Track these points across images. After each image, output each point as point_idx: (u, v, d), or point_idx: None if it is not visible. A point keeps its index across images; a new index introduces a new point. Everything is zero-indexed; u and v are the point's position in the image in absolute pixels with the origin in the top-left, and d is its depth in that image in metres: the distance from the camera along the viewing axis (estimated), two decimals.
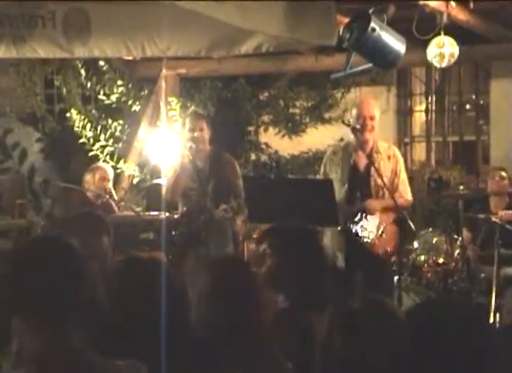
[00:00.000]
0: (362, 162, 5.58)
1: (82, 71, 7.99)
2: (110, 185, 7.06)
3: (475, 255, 6.71)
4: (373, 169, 5.44)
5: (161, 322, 2.33)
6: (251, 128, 9.24)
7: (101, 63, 7.93)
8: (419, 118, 9.95)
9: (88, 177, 6.99)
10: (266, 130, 9.15)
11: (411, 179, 5.97)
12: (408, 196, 5.67)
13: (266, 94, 9.08)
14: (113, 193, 7.15)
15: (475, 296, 6.33)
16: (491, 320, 5.80)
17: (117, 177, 7.77)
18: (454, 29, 6.59)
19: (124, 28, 5.91)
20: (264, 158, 9.10)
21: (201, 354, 2.36)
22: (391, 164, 5.60)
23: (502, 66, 8.86)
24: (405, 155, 9.19)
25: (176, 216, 6.23)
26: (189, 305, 2.49)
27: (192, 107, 8.00)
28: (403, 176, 5.65)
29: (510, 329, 3.38)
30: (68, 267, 2.06)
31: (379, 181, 5.39)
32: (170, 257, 5.78)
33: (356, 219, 5.43)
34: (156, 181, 6.93)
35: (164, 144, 7.19)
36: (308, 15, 5.29)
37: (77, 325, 2.03)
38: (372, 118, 5.53)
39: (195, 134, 6.10)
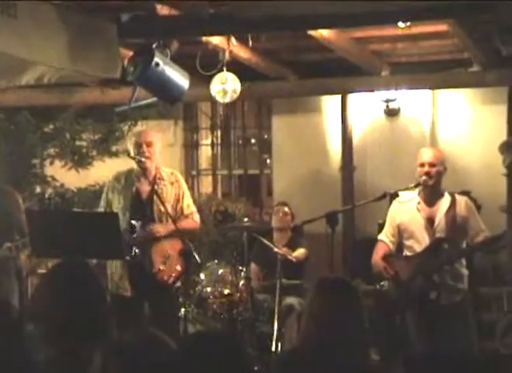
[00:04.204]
0: (145, 189, 5.60)
1: None
2: None
3: (259, 285, 6.92)
4: (155, 195, 5.48)
5: None
6: (36, 161, 9.01)
7: None
8: (206, 152, 10.14)
9: None
10: (52, 162, 8.96)
11: (198, 212, 6.05)
12: (196, 218, 5.74)
13: (51, 126, 8.90)
14: None
15: (258, 325, 6.49)
16: (273, 348, 5.99)
17: None
18: (236, 66, 6.80)
19: None
20: (49, 191, 8.90)
21: None
22: (174, 189, 5.66)
23: (282, 102, 9.24)
24: (192, 188, 9.31)
25: None
26: None
27: None
28: (188, 201, 5.71)
29: (289, 355, 3.51)
30: None
31: (162, 208, 5.43)
32: None
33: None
34: None
35: None
36: (91, 48, 5.26)
37: None
38: (149, 145, 5.56)
39: None
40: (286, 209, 7.34)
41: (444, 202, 5.35)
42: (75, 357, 2.54)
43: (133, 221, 5.51)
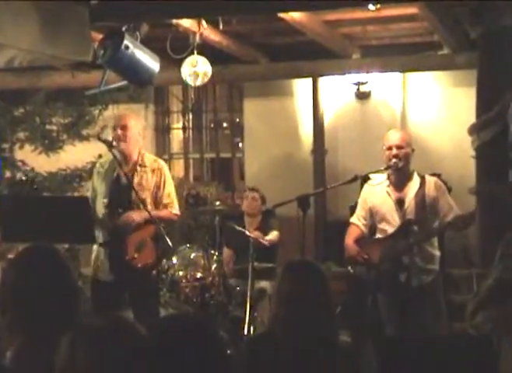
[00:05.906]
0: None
1: None
2: None
3: (231, 269, 6.93)
4: (134, 181, 5.45)
5: None
6: (6, 145, 8.93)
7: None
8: (177, 135, 10.11)
9: None
10: (22, 147, 8.88)
11: None
12: (174, 210, 5.70)
13: (21, 110, 8.83)
14: None
15: (231, 309, 6.51)
16: (246, 331, 6.01)
17: None
18: (207, 49, 6.78)
19: None
20: (19, 175, 8.83)
21: None
22: (155, 177, 5.62)
23: (254, 85, 9.23)
24: None
25: None
26: None
27: None
28: (169, 190, 5.66)
29: (259, 337, 3.54)
30: None
31: (140, 194, 5.40)
32: None
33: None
34: None
35: None
36: (63, 31, 5.19)
37: None
38: (123, 128, 5.52)
39: None
40: (255, 194, 7.32)
41: (414, 183, 5.37)
42: (42, 344, 2.53)
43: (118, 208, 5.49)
